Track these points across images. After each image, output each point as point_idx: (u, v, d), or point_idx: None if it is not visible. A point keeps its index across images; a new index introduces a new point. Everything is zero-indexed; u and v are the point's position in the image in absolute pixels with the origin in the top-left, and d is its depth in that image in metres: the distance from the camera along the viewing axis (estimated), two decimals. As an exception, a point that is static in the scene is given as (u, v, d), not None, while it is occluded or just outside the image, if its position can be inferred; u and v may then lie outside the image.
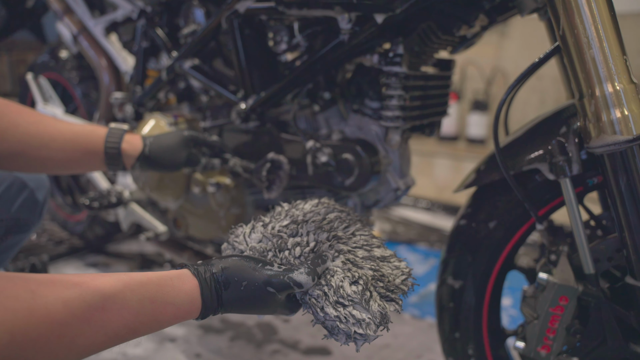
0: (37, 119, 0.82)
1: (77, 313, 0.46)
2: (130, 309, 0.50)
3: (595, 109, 0.67)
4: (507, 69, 4.56)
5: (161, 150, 0.93)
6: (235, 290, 0.58)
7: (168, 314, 0.53)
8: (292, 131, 1.08)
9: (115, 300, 0.49)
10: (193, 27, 1.18)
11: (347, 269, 0.63)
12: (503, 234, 0.90)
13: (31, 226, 0.97)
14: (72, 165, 0.86)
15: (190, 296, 0.55)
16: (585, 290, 0.76)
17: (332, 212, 0.75)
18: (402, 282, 0.67)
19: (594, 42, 0.65)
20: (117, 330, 0.49)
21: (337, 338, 0.62)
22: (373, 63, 0.94)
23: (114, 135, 0.88)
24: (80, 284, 0.48)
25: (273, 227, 0.71)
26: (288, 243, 0.66)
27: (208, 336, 1.45)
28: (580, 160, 0.77)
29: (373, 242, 0.72)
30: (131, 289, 0.51)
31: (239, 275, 0.59)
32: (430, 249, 2.15)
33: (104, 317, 0.47)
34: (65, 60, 1.74)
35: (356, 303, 0.60)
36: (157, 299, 0.52)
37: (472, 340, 0.94)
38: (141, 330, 0.51)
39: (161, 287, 0.53)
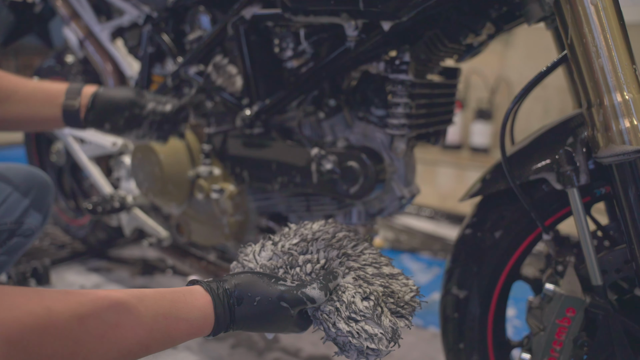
0: (5, 73, 0.89)
1: (91, 330, 0.45)
2: (144, 325, 0.49)
3: (603, 118, 0.67)
4: (511, 78, 4.56)
5: (104, 102, 0.93)
6: (248, 306, 0.58)
7: (181, 330, 0.53)
8: (296, 138, 1.07)
9: (129, 317, 0.49)
10: (199, 33, 1.18)
11: (358, 285, 0.63)
12: (509, 243, 0.89)
13: (35, 230, 0.97)
14: (33, 120, 0.90)
15: (203, 312, 0.55)
16: (592, 302, 0.75)
17: (341, 231, 0.76)
18: (411, 299, 0.67)
19: (603, 51, 0.64)
20: (131, 347, 0.48)
21: (348, 355, 0.62)
22: (379, 70, 0.94)
23: (72, 90, 0.92)
24: (94, 300, 0.48)
25: (283, 246, 0.71)
26: (299, 260, 0.67)
27: (209, 343, 1.44)
28: (588, 170, 0.76)
29: (381, 260, 0.73)
30: (145, 305, 0.51)
31: (252, 290, 0.58)
32: (433, 258, 2.14)
33: (118, 334, 0.47)
34: (71, 65, 1.75)
35: (368, 318, 0.60)
36: (170, 315, 0.52)
37: (477, 351, 0.93)
38: (154, 347, 0.51)
39: (174, 303, 0.53)
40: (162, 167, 1.20)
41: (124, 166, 1.43)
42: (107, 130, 0.94)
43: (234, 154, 1.18)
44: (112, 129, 0.95)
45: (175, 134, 1.05)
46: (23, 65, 8.05)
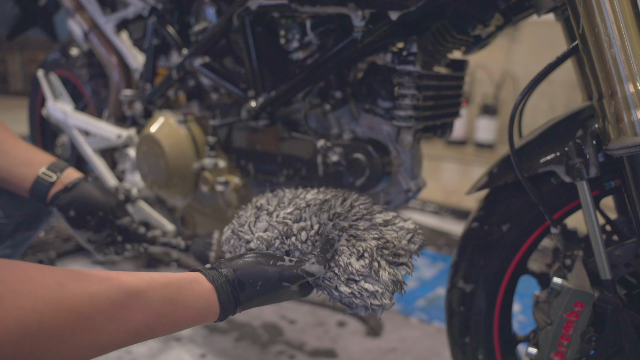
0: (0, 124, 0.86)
1: (101, 308, 0.46)
2: (152, 308, 0.50)
3: (615, 109, 0.66)
4: (517, 73, 4.54)
5: (85, 193, 0.88)
6: (251, 291, 0.59)
7: (187, 316, 0.54)
8: (302, 130, 1.07)
9: (138, 299, 0.50)
10: (204, 24, 1.17)
11: (351, 245, 0.64)
12: (516, 237, 0.88)
13: (40, 223, 0.96)
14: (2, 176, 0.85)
15: (208, 301, 0.56)
16: (601, 297, 0.74)
17: (332, 192, 0.77)
18: (410, 241, 0.68)
19: (616, 40, 0.63)
20: (138, 329, 0.49)
21: (357, 310, 0.63)
22: (386, 62, 0.93)
23: (56, 164, 0.86)
24: (105, 280, 0.49)
25: (278, 215, 0.71)
26: (293, 229, 0.67)
27: (213, 336, 1.44)
28: (597, 163, 0.75)
29: (374, 209, 0.73)
30: (153, 289, 0.51)
31: (252, 275, 0.60)
32: (437, 253, 2.13)
33: (127, 314, 0.48)
34: (76, 58, 1.75)
35: (366, 276, 0.62)
36: (177, 301, 0.53)
37: (483, 345, 0.93)
38: (160, 330, 0.52)
39: (181, 290, 0.54)
40: (167, 159, 1.20)
41: (129, 159, 1.43)
42: (68, 217, 0.89)
43: (239, 146, 1.17)
44: (74, 220, 0.89)
45: (120, 253, 0.98)
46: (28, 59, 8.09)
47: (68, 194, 0.87)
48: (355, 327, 1.53)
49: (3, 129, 0.87)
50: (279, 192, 0.79)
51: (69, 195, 0.87)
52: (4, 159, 0.84)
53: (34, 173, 0.85)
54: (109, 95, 1.57)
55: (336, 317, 1.58)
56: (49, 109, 1.61)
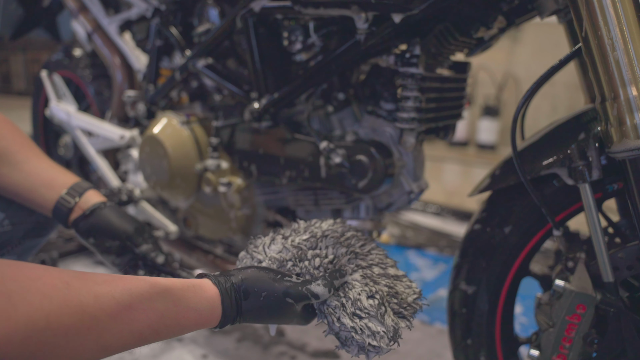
0: (20, 139, 0.85)
1: (106, 308, 0.47)
2: (155, 310, 0.51)
3: (617, 112, 0.66)
4: (518, 74, 4.53)
5: (103, 220, 0.87)
6: (254, 300, 0.59)
7: (190, 319, 0.55)
8: (305, 132, 1.07)
9: (142, 300, 0.50)
10: (207, 25, 1.18)
11: (364, 283, 0.65)
12: (518, 239, 0.88)
13: (49, 230, 0.95)
14: (24, 196, 0.85)
15: (211, 304, 0.57)
16: (603, 299, 0.74)
17: (349, 231, 0.78)
18: (414, 301, 0.69)
19: (619, 43, 0.63)
20: (142, 330, 0.50)
21: (349, 350, 0.64)
22: (389, 64, 0.93)
23: (76, 187, 0.86)
24: (110, 282, 0.50)
25: (293, 240, 0.72)
26: (308, 254, 0.68)
27: (215, 337, 1.44)
28: (600, 166, 0.75)
29: (387, 261, 0.75)
30: (157, 291, 0.52)
31: (258, 286, 0.60)
32: (439, 254, 2.13)
33: (131, 315, 0.49)
34: (79, 59, 1.75)
35: (372, 316, 0.62)
36: (180, 304, 0.54)
37: (485, 347, 0.93)
38: (163, 332, 0.52)
39: (184, 293, 0.55)
40: (169, 160, 1.20)
41: (132, 159, 1.43)
42: (89, 243, 0.89)
43: (241, 148, 1.17)
44: (95, 245, 0.89)
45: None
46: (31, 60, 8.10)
47: (86, 221, 0.86)
48: (357, 328, 1.53)
49: (27, 146, 0.86)
50: (293, 223, 0.80)
51: (87, 222, 0.86)
52: (25, 179, 0.84)
53: (54, 196, 0.85)
54: (112, 96, 1.58)
55: (338, 318, 1.58)
56: (52, 109, 1.62)
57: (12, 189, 0.84)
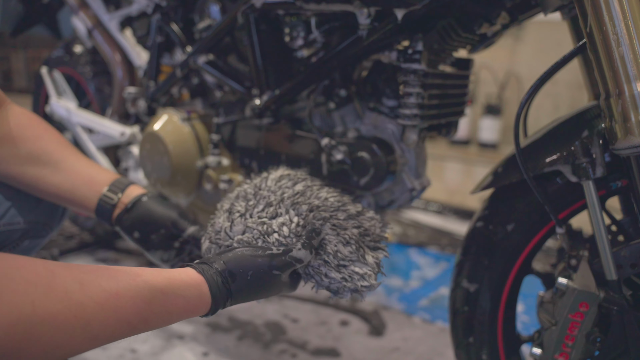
0: (57, 138, 0.85)
1: (92, 295, 0.47)
2: (142, 297, 0.51)
3: (622, 109, 0.65)
4: (521, 73, 4.52)
5: (144, 211, 0.85)
6: (242, 281, 0.60)
7: (178, 306, 0.54)
8: (306, 128, 1.06)
9: (128, 288, 0.50)
10: (208, 22, 1.17)
11: (336, 234, 0.68)
12: (521, 237, 0.87)
13: (49, 231, 0.93)
14: (67, 197, 0.84)
15: (199, 291, 0.56)
16: (606, 297, 0.74)
17: (299, 182, 0.80)
18: (382, 230, 0.75)
19: (624, 39, 0.63)
20: (130, 318, 0.49)
21: (343, 295, 0.69)
22: (391, 60, 0.92)
23: (117, 184, 0.84)
24: (95, 270, 0.50)
25: (252, 215, 0.72)
26: (273, 226, 0.68)
27: (215, 334, 1.44)
28: (604, 163, 0.74)
29: (344, 200, 0.78)
30: (143, 279, 0.52)
31: (243, 265, 0.60)
32: (441, 253, 2.13)
33: (118, 302, 0.48)
34: (80, 55, 1.75)
35: (355, 261, 0.67)
36: (167, 291, 0.53)
37: (487, 345, 0.92)
38: (152, 320, 0.52)
39: (171, 281, 0.54)
40: (170, 157, 1.20)
41: (132, 156, 1.43)
42: (135, 238, 0.87)
43: (243, 144, 1.17)
44: (140, 240, 0.87)
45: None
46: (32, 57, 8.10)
47: (129, 215, 0.85)
48: (358, 326, 1.53)
49: (63, 144, 0.85)
50: (238, 190, 0.79)
51: (130, 216, 0.85)
52: (65, 179, 0.82)
53: (96, 194, 0.84)
54: (113, 92, 1.57)
55: (339, 316, 1.57)
56: (53, 106, 1.61)
57: (53, 190, 0.82)
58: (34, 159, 0.81)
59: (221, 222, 0.73)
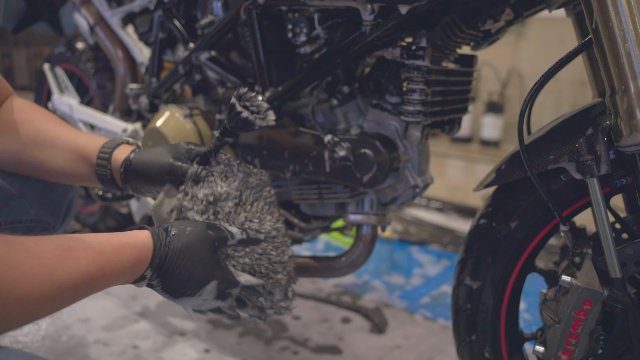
0: (50, 118, 0.86)
1: (48, 249, 0.52)
2: (93, 247, 0.57)
3: (628, 105, 0.65)
4: (523, 70, 4.51)
5: (138, 172, 0.81)
6: (180, 235, 0.66)
7: (127, 253, 0.60)
8: (309, 125, 1.06)
9: (79, 242, 0.56)
10: (210, 18, 1.17)
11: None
12: (524, 234, 0.87)
13: (52, 230, 0.92)
14: (68, 174, 0.84)
15: (144, 240, 0.64)
16: (610, 295, 0.74)
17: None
18: (286, 258, 0.83)
19: (630, 35, 0.62)
20: (88, 267, 0.55)
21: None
22: (394, 56, 0.92)
23: (103, 153, 0.82)
24: (45, 236, 0.56)
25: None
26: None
27: (217, 331, 1.44)
28: (608, 160, 0.74)
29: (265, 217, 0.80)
30: (90, 235, 0.58)
31: (183, 224, 0.68)
32: (442, 250, 2.12)
33: (73, 254, 0.54)
34: (82, 52, 1.75)
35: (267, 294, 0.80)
36: (114, 241, 0.60)
37: (489, 343, 0.92)
38: (108, 268, 0.57)
39: (115, 234, 0.62)
40: (172, 153, 1.19)
41: (134, 153, 1.43)
42: (146, 196, 0.85)
43: (245, 141, 1.16)
44: (153, 196, 0.84)
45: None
46: (34, 54, 8.10)
47: (127, 179, 0.81)
48: (360, 323, 1.53)
49: (54, 123, 0.85)
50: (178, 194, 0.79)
51: (128, 180, 0.81)
52: (64, 157, 0.82)
53: (92, 168, 0.82)
54: (115, 89, 1.57)
55: (341, 314, 1.57)
56: (55, 102, 1.61)
57: (59, 170, 0.83)
58: (32, 140, 0.82)
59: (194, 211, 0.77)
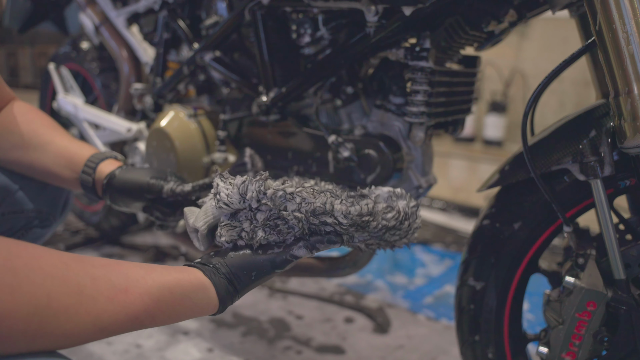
0: (47, 122, 0.90)
1: (103, 291, 0.48)
2: (150, 295, 0.52)
3: (631, 107, 0.65)
4: (526, 70, 4.50)
5: (119, 186, 0.88)
6: (246, 281, 0.61)
7: (186, 307, 0.56)
8: (313, 125, 1.06)
9: (137, 285, 0.51)
10: (215, 18, 1.17)
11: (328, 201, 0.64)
12: (528, 235, 0.87)
13: (53, 221, 0.96)
14: (55, 177, 0.89)
15: (207, 295, 0.58)
16: (614, 296, 0.74)
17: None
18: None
19: (634, 37, 0.62)
20: (138, 314, 0.51)
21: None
22: (398, 57, 0.92)
23: (90, 162, 0.88)
24: (106, 265, 0.51)
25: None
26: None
27: (220, 331, 1.44)
28: (612, 161, 0.74)
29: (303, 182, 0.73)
30: (152, 277, 0.53)
31: (246, 267, 0.61)
32: (445, 250, 2.12)
33: (127, 299, 0.50)
34: (87, 51, 1.75)
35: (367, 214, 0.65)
36: (175, 292, 0.54)
37: (493, 343, 0.92)
38: (159, 317, 0.53)
39: (179, 281, 0.56)
40: (176, 153, 1.20)
41: (139, 152, 1.43)
42: (122, 209, 0.93)
43: (249, 141, 1.17)
44: (129, 209, 0.92)
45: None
46: (38, 53, 8.13)
47: (108, 191, 0.89)
48: (363, 323, 1.53)
49: (51, 127, 0.90)
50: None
51: (109, 191, 0.89)
52: (53, 161, 0.87)
53: (76, 175, 0.88)
54: (119, 88, 1.58)
55: (343, 314, 1.58)
56: (60, 102, 1.62)
57: (47, 172, 0.88)
58: (26, 142, 0.86)
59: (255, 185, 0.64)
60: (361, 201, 0.66)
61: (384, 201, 0.71)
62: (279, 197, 0.62)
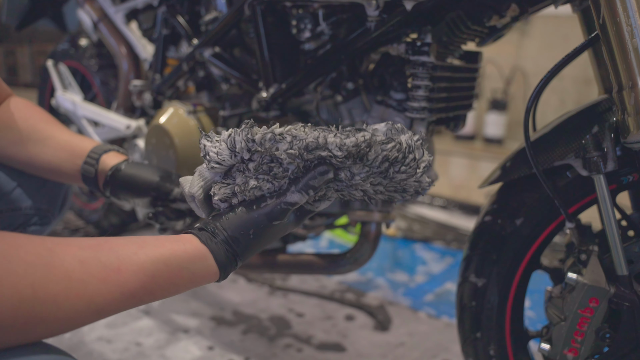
0: (46, 117, 0.89)
1: (93, 272, 0.46)
2: (145, 271, 0.50)
3: (635, 101, 0.64)
4: (526, 68, 4.49)
5: (125, 180, 0.87)
6: (246, 241, 0.58)
7: (184, 277, 0.53)
8: (314, 121, 1.06)
9: (130, 262, 0.49)
10: (214, 14, 1.16)
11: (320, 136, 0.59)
12: (530, 231, 0.86)
13: (52, 218, 0.96)
14: (56, 172, 0.88)
15: (205, 263, 0.55)
16: (617, 293, 0.73)
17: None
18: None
19: (638, 30, 0.62)
20: (134, 291, 0.49)
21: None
22: (399, 52, 0.91)
23: (93, 153, 0.87)
24: (94, 246, 0.49)
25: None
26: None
27: (220, 328, 1.44)
28: (615, 157, 0.74)
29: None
30: (145, 252, 0.51)
31: (242, 227, 0.58)
32: (446, 248, 2.12)
33: (120, 277, 0.48)
34: (85, 48, 1.75)
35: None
36: (171, 264, 0.52)
37: (494, 341, 0.92)
38: (158, 292, 0.51)
39: (174, 252, 0.53)
40: (176, 150, 1.19)
41: (138, 149, 1.43)
42: (124, 204, 0.91)
43: (248, 138, 1.16)
44: (129, 204, 0.91)
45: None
46: (37, 51, 8.12)
47: (111, 184, 0.87)
48: (364, 321, 1.52)
49: (50, 122, 0.89)
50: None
51: (113, 185, 0.87)
52: (53, 155, 0.86)
53: (78, 167, 0.87)
54: (118, 85, 1.57)
55: (344, 311, 1.57)
56: (58, 99, 1.61)
57: (47, 166, 0.87)
58: (26, 138, 0.85)
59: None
60: (357, 133, 0.61)
61: (383, 135, 0.65)
62: (268, 139, 0.59)
